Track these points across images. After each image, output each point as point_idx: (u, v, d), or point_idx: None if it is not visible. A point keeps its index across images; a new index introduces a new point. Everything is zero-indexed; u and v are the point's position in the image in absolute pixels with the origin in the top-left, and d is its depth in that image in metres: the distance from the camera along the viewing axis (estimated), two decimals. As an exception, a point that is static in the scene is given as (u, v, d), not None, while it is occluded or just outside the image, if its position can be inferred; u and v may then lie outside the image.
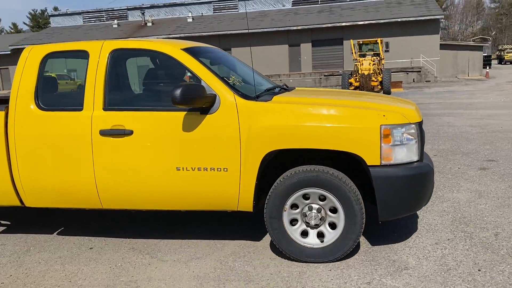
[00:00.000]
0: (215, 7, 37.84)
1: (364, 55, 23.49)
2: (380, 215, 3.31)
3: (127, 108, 3.63)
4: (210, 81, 3.49)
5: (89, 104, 3.64)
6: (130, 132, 3.52)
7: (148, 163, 3.54)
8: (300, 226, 3.45)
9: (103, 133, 3.57)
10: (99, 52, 3.71)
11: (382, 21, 30.54)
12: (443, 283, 3.02)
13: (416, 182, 3.32)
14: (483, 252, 3.45)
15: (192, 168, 3.47)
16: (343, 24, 31.12)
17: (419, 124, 3.40)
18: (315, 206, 3.39)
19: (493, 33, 78.99)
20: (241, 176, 3.41)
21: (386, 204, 3.27)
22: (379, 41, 23.88)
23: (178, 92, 3.21)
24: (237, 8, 37.26)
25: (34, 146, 3.71)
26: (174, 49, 3.66)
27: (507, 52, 57.15)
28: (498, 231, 3.83)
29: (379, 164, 3.23)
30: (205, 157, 3.43)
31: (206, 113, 3.42)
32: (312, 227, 3.43)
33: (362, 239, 3.79)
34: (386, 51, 24.54)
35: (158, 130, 3.51)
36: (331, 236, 3.39)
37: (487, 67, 34.91)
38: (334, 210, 3.37)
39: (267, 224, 3.46)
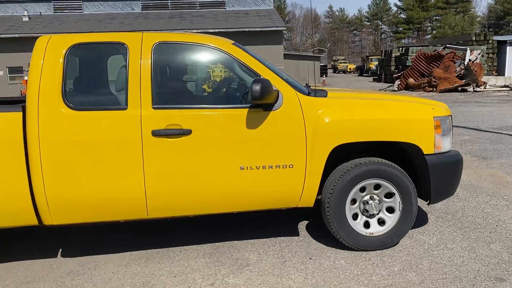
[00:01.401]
0: (56, 6, 34.87)
1: (215, 62, 24.12)
2: (432, 200, 3.63)
3: (181, 106, 3.29)
4: (272, 78, 3.36)
5: (134, 102, 3.20)
6: (189, 132, 3.22)
7: (209, 164, 3.27)
8: (362, 218, 3.58)
9: (157, 133, 3.18)
10: (140, 45, 3.30)
11: (231, 30, 31.76)
12: (279, 274, 3.25)
13: (458, 168, 3.71)
14: (315, 241, 3.82)
15: (256, 166, 3.33)
16: (194, 31, 31.51)
17: (451, 117, 3.76)
18: (376, 197, 3.57)
19: (328, 45, 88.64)
20: (306, 171, 3.39)
21: (438, 188, 3.59)
22: (228, 48, 24.76)
23: (258, 87, 3.07)
24: (81, 9, 34.90)
25: (65, 153, 3.12)
26: (226, 43, 3.47)
27: (339, 63, 64.71)
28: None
29: (432, 152, 3.53)
30: (270, 154, 3.33)
31: (270, 109, 3.31)
32: (366, 216, 3.59)
33: (207, 243, 3.86)
34: (236, 58, 25.63)
35: (220, 128, 3.27)
36: (376, 229, 3.59)
37: (324, 76, 38.95)
38: (389, 195, 3.58)
39: (331, 221, 3.48)
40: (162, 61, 3.43)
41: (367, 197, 3.58)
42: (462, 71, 20.30)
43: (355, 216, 3.58)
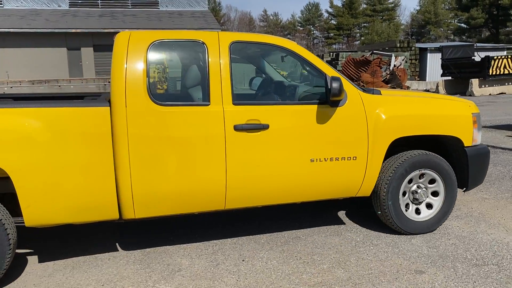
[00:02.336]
0: (-28, -1, 32.27)
1: (148, 63, 23.58)
2: (469, 187, 4.06)
3: (259, 102, 3.58)
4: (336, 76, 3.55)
5: (216, 98, 3.34)
6: (267, 126, 3.42)
7: (283, 157, 3.48)
8: (406, 200, 3.90)
9: (239, 128, 3.35)
10: (218, 44, 3.43)
11: (165, 30, 31.19)
12: (212, 278, 3.22)
13: (488, 158, 4.12)
14: (247, 243, 3.84)
15: (325, 158, 3.58)
16: (127, 30, 30.55)
17: None
18: (423, 186, 3.91)
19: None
20: (367, 163, 3.68)
21: (475, 177, 4.02)
22: (162, 49, 24.29)
23: (337, 85, 3.35)
24: (1, 3, 32.58)
25: (153, 147, 3.19)
26: (292, 43, 3.68)
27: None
28: (261, 220, 4.32)
29: (471, 145, 3.96)
30: (337, 147, 3.59)
31: (336, 106, 3.56)
32: (415, 203, 3.94)
33: (138, 249, 3.75)
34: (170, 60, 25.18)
35: (293, 123, 3.49)
36: (426, 213, 3.96)
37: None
38: (434, 194, 3.97)
39: (386, 210, 3.78)
40: (238, 60, 3.63)
41: (415, 186, 3.92)
42: (388, 76, 21.45)
43: (407, 205, 3.94)
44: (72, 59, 30.96)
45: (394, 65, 21.47)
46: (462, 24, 64.30)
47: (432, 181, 3.93)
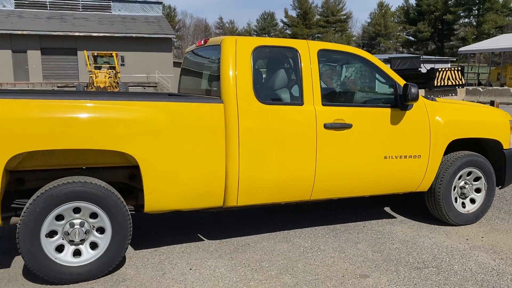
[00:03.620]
0: None
1: (99, 68, 23.00)
2: (505, 184, 4.61)
3: (343, 103, 3.98)
4: (402, 83, 4.02)
5: (309, 99, 3.74)
6: (350, 126, 3.82)
7: (362, 153, 3.90)
8: (455, 194, 4.38)
9: (328, 126, 3.75)
10: (308, 51, 3.82)
11: (117, 34, 30.58)
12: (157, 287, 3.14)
13: None
14: (196, 251, 3.78)
15: (395, 156, 4.02)
16: (77, 34, 29.66)
17: None
18: (469, 182, 4.43)
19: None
20: (429, 161, 4.14)
21: (510, 176, 4.55)
22: (114, 54, 23.81)
23: (416, 90, 3.86)
24: None
25: (258, 141, 3.56)
26: (365, 52, 4.11)
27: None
28: (211, 227, 4.28)
29: (508, 147, 4.51)
30: (405, 146, 4.04)
31: (405, 109, 4.02)
32: (462, 198, 4.43)
33: (81, 258, 3.59)
34: (122, 64, 24.66)
35: (371, 123, 3.91)
36: (471, 207, 4.46)
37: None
38: (477, 190, 4.49)
39: (439, 198, 4.27)
40: (324, 65, 4.02)
41: (463, 182, 4.42)
42: (340, 85, 22.03)
43: (456, 199, 4.41)
44: (17, 62, 29.62)
45: (345, 76, 22.08)
46: (410, 37, 67.30)
47: (476, 178, 4.45)
